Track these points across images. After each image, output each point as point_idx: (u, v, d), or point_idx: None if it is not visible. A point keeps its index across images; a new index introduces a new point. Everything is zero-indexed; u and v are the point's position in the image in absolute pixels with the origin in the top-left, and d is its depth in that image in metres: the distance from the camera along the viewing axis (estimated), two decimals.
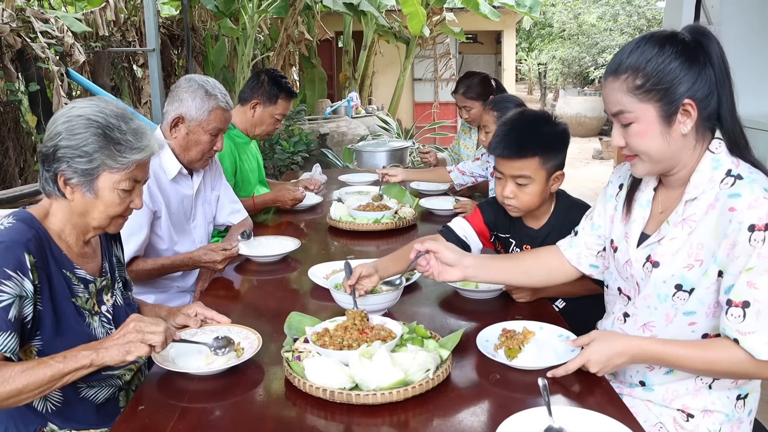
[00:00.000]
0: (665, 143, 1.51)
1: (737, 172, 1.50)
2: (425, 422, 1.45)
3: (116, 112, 1.67)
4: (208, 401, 1.57)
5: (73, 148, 1.61)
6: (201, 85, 2.54)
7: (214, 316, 1.87)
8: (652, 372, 1.69)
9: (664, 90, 1.47)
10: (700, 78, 1.47)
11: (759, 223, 1.41)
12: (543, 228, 2.26)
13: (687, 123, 1.49)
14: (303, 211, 3.48)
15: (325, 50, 12.59)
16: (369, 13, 9.76)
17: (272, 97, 3.37)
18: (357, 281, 1.95)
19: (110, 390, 1.80)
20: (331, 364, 1.55)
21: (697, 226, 1.53)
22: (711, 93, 1.49)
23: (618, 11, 16.74)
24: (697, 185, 1.53)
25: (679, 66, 1.47)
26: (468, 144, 4.14)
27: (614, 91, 1.53)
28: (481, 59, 17.80)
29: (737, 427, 1.65)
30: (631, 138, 1.53)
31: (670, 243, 1.57)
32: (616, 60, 1.54)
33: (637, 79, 1.49)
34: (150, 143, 1.69)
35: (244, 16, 8.57)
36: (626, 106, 1.51)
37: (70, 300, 1.67)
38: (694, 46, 1.49)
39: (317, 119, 9.03)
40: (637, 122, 1.51)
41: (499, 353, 1.70)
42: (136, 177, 1.70)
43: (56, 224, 1.69)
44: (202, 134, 2.56)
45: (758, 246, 1.41)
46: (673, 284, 1.57)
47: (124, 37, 7.25)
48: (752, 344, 1.43)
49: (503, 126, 2.19)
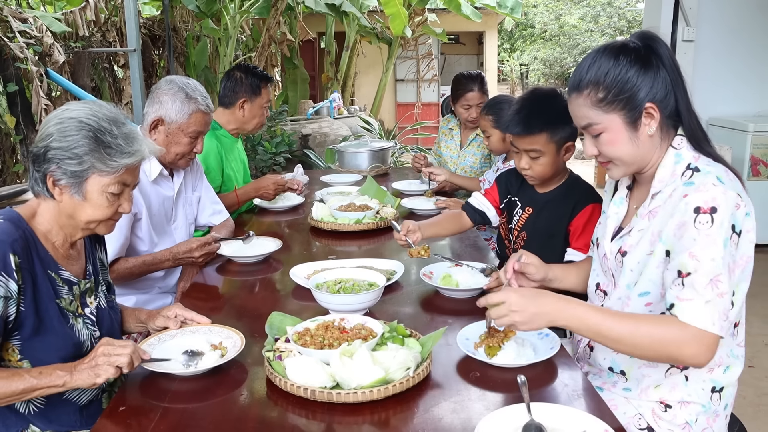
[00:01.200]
0: (634, 147, 1.61)
1: (695, 165, 1.58)
2: (406, 420, 1.46)
3: (108, 116, 1.68)
4: (190, 401, 1.58)
5: (64, 149, 1.61)
6: (181, 88, 2.53)
7: (193, 317, 1.88)
8: (618, 356, 1.73)
9: (626, 99, 1.57)
10: (657, 80, 1.57)
11: (704, 206, 1.47)
12: (548, 193, 2.47)
13: (652, 124, 1.59)
14: (285, 212, 3.48)
15: (308, 51, 12.59)
16: (351, 14, 9.77)
17: (256, 89, 3.38)
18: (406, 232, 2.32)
19: (93, 392, 1.79)
20: (312, 364, 1.56)
21: (657, 215, 1.61)
22: (668, 93, 1.59)
23: (599, 12, 16.88)
24: (662, 179, 1.62)
25: (636, 73, 1.56)
26: (450, 146, 4.14)
27: (579, 106, 1.63)
28: (463, 60, 17.85)
29: (713, 420, 1.69)
30: (603, 146, 1.63)
31: (637, 233, 1.66)
32: (576, 76, 1.63)
33: (599, 92, 1.58)
34: (141, 148, 1.70)
35: (225, 16, 8.55)
36: (593, 119, 1.61)
37: (54, 301, 1.67)
38: (645, 52, 1.58)
39: (299, 120, 9.02)
40: (605, 132, 1.61)
41: (479, 351, 1.72)
42: (125, 181, 1.71)
43: (43, 225, 1.69)
44: (181, 137, 2.55)
45: (703, 228, 1.46)
46: (639, 272, 1.64)
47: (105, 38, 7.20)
48: (684, 308, 1.46)
49: (515, 105, 2.39)
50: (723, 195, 1.47)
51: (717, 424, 1.70)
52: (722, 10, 5.82)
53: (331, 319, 1.78)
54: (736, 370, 1.68)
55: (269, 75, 3.50)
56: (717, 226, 1.46)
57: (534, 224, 2.46)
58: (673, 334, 1.46)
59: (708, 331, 1.44)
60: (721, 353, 1.64)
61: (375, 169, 4.53)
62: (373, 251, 2.75)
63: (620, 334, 1.49)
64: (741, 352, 1.69)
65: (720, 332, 1.45)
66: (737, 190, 1.51)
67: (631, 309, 1.66)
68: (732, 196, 1.48)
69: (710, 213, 1.46)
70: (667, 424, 1.68)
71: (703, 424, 1.68)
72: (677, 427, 1.67)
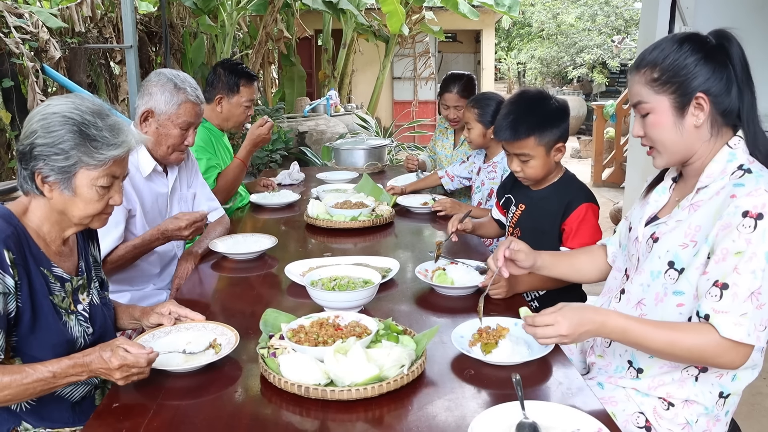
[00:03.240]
0: (678, 134, 1.62)
1: (749, 166, 1.57)
2: (400, 418, 1.46)
3: (92, 108, 1.66)
4: (184, 398, 1.57)
5: (50, 145, 1.59)
6: (170, 79, 2.53)
7: (188, 313, 1.87)
8: (638, 352, 1.72)
9: (678, 83, 1.59)
10: (716, 74, 1.58)
11: (753, 210, 1.47)
12: (541, 191, 2.51)
13: (699, 116, 1.59)
14: (280, 209, 3.48)
15: (305, 48, 12.57)
16: (348, 12, 9.76)
17: (233, 86, 3.38)
18: None
19: (86, 388, 1.79)
20: (306, 361, 1.55)
21: (699, 209, 1.60)
22: (727, 90, 1.58)
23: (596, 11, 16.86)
24: (710, 174, 1.61)
25: (695, 61, 1.58)
26: (445, 145, 4.15)
27: (634, 83, 1.67)
28: (460, 58, 17.85)
29: (713, 424, 1.69)
30: (648, 128, 1.66)
31: (674, 223, 1.65)
32: (640, 56, 1.67)
33: (654, 72, 1.61)
34: (127, 139, 1.68)
35: (222, 13, 8.53)
36: (644, 97, 1.64)
37: (47, 297, 1.66)
38: (713, 46, 1.60)
39: (296, 117, 9.01)
40: (652, 113, 1.63)
41: (473, 349, 1.72)
42: (114, 173, 1.69)
43: (35, 221, 1.68)
44: (172, 128, 2.54)
45: (745, 232, 1.46)
46: (666, 260, 1.64)
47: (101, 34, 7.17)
48: (721, 321, 1.47)
49: (503, 110, 2.43)
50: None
51: (717, 428, 1.69)
52: (719, 9, 5.82)
53: (325, 317, 1.78)
54: (746, 380, 1.68)
55: (252, 73, 3.48)
56: (759, 234, 1.45)
57: (526, 221, 2.49)
58: (711, 348, 1.49)
59: (743, 343, 1.46)
60: None
61: (371, 167, 4.53)
62: (368, 249, 2.75)
63: (660, 345, 1.54)
64: (760, 361, 1.66)
65: (756, 342, 1.47)
66: None
67: (664, 305, 1.64)
68: None
69: (756, 218, 1.46)
70: (667, 423, 1.68)
71: (703, 425, 1.67)
72: (677, 426, 1.67)
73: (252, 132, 3.40)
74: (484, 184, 3.40)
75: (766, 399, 3.40)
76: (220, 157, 3.42)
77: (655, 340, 1.54)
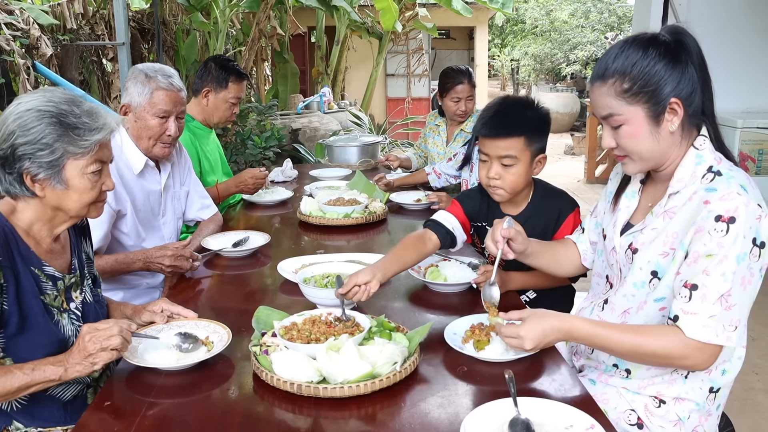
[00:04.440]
0: (655, 142, 1.58)
1: (718, 168, 1.56)
2: (393, 415, 1.46)
3: (64, 97, 1.63)
4: (176, 396, 1.57)
5: (32, 143, 1.57)
6: (141, 71, 2.53)
7: (180, 311, 1.86)
8: None
9: (651, 91, 1.54)
10: (684, 77, 1.55)
11: (725, 214, 1.46)
12: (521, 215, 2.28)
13: (674, 121, 1.56)
14: (273, 206, 3.47)
15: (298, 45, 12.54)
16: (341, 9, 9.74)
17: (222, 81, 3.36)
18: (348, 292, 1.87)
19: (78, 387, 1.78)
20: (298, 358, 1.55)
21: (675, 216, 1.59)
22: (694, 90, 1.56)
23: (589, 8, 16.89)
24: (681, 179, 1.60)
25: (664, 67, 1.53)
26: (437, 142, 4.14)
27: (602, 95, 1.59)
28: (453, 55, 17.86)
29: (705, 419, 1.69)
30: (622, 139, 1.60)
31: (651, 232, 1.64)
32: (602, 65, 1.60)
33: (624, 82, 1.55)
34: (107, 121, 1.67)
35: (215, 10, 8.50)
36: (615, 109, 1.57)
37: (38, 298, 1.65)
38: (675, 47, 1.55)
39: (289, 114, 8.98)
40: (626, 124, 1.58)
41: (466, 346, 1.72)
42: (101, 158, 1.67)
43: (24, 221, 1.66)
44: (149, 119, 2.52)
45: (717, 236, 1.46)
46: (649, 271, 1.63)
47: (93, 31, 7.13)
48: (688, 323, 1.47)
49: (488, 108, 2.25)
50: (745, 207, 1.46)
51: (708, 423, 1.70)
52: (712, 6, 5.83)
53: (318, 314, 1.78)
54: (734, 372, 1.68)
55: (243, 72, 3.47)
56: (731, 238, 1.45)
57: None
58: (677, 349, 1.49)
59: (712, 343, 1.46)
60: (724, 355, 1.63)
61: (364, 164, 4.53)
62: (361, 246, 2.75)
63: (626, 349, 1.55)
64: (742, 353, 1.67)
65: (726, 342, 1.47)
66: (758, 199, 1.50)
67: (645, 311, 1.65)
68: (754, 207, 1.47)
69: (728, 222, 1.46)
70: (658, 419, 1.68)
71: (695, 422, 1.68)
72: (669, 423, 1.67)
73: (241, 177, 3.36)
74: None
75: (758, 394, 3.41)
76: (205, 158, 3.40)
77: (621, 344, 1.54)
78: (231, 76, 3.39)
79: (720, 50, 5.90)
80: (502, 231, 1.82)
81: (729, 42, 5.89)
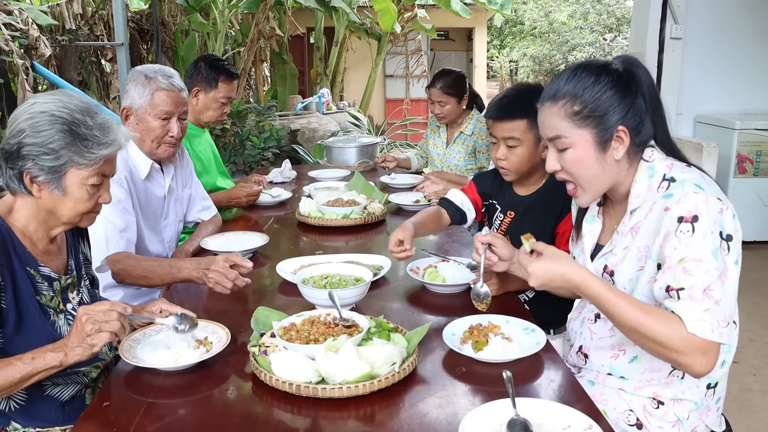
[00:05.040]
0: (600, 168, 1.60)
1: (671, 175, 1.58)
2: (391, 415, 1.46)
3: (81, 106, 1.63)
4: (175, 397, 1.57)
5: (39, 145, 1.57)
6: (141, 72, 2.51)
7: (178, 311, 1.86)
8: (617, 361, 1.73)
9: (599, 117, 1.56)
10: (632, 107, 1.57)
11: (687, 215, 1.47)
12: (530, 196, 2.41)
13: (620, 149, 1.58)
14: (272, 207, 3.47)
15: (297, 46, 12.55)
16: (340, 9, 9.75)
17: (211, 81, 3.34)
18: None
19: (76, 387, 1.78)
20: (297, 359, 1.55)
21: (640, 231, 1.61)
22: (641, 121, 1.58)
23: (588, 10, 16.93)
24: (638, 195, 1.62)
25: (614, 95, 1.56)
26: (437, 143, 4.15)
27: (551, 116, 1.62)
28: (452, 56, 17.86)
29: (705, 415, 1.70)
30: (567, 163, 1.62)
31: (622, 251, 1.66)
32: (553, 86, 1.62)
33: (574, 105, 1.58)
34: (117, 137, 1.66)
35: (214, 11, 8.51)
36: (563, 131, 1.60)
37: (34, 298, 1.65)
38: (626, 77, 1.58)
39: (288, 115, 8.98)
40: (573, 147, 1.60)
41: (465, 347, 1.72)
42: (104, 172, 1.67)
43: (20, 221, 1.66)
44: (151, 120, 2.50)
45: (685, 237, 1.47)
46: (630, 290, 1.64)
47: (92, 31, 7.14)
48: (687, 317, 1.45)
49: (500, 93, 2.38)
50: (704, 203, 1.47)
51: (709, 418, 1.71)
52: (710, 7, 5.85)
53: (317, 314, 1.78)
54: (729, 362, 1.69)
55: (233, 71, 3.44)
56: (699, 236, 1.45)
57: (517, 228, 2.39)
58: (677, 341, 1.45)
59: (709, 340, 1.44)
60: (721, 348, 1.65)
61: (363, 165, 4.53)
62: (360, 246, 2.75)
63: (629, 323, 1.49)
64: (735, 341, 1.69)
65: (720, 339, 1.45)
66: (717, 193, 1.51)
67: None
68: (713, 202, 1.48)
69: (691, 222, 1.46)
70: (657, 420, 1.68)
71: (694, 421, 1.68)
72: (668, 424, 1.68)
73: (233, 193, 3.33)
74: None
75: (756, 395, 3.42)
76: (197, 159, 3.39)
77: (625, 317, 1.49)
78: (221, 76, 3.36)
79: (718, 52, 5.93)
80: (480, 237, 1.90)
81: (727, 44, 5.91)
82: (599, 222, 1.78)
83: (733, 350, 1.69)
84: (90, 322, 1.51)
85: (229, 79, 3.40)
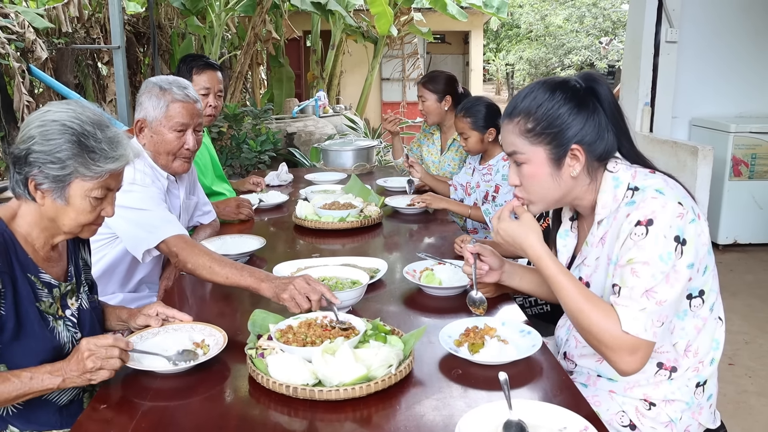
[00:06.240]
0: (555, 184, 1.63)
1: (634, 184, 1.59)
2: (388, 417, 1.46)
3: (92, 118, 1.63)
4: (172, 399, 1.57)
5: (46, 153, 1.57)
6: (155, 84, 2.46)
7: (175, 314, 1.86)
8: (602, 364, 1.73)
9: (553, 134, 1.58)
10: (588, 123, 1.58)
11: (643, 219, 1.50)
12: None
13: (576, 167, 1.60)
14: (268, 210, 3.47)
15: (293, 49, 12.57)
16: (337, 13, 9.76)
17: (185, 76, 3.19)
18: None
19: (74, 391, 1.77)
20: (294, 361, 1.56)
21: (607, 240, 1.63)
22: (600, 137, 1.60)
23: (584, 13, 16.98)
24: (605, 205, 1.63)
25: (568, 111, 1.58)
26: (432, 150, 4.11)
27: (509, 132, 1.65)
28: (448, 59, 17.90)
29: (698, 413, 1.70)
30: (524, 178, 1.66)
31: (594, 262, 1.68)
32: (511, 104, 1.66)
33: (528, 122, 1.60)
34: (125, 152, 1.65)
35: (211, 14, 8.52)
36: (518, 147, 1.63)
37: (34, 304, 1.65)
38: (584, 93, 1.60)
39: (284, 118, 8.99)
40: (528, 163, 1.63)
41: (461, 349, 1.72)
42: (109, 185, 1.66)
43: (23, 227, 1.66)
44: (166, 133, 2.46)
45: (638, 239, 1.50)
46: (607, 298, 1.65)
47: (89, 34, 7.14)
48: (622, 313, 1.49)
49: None
50: (662, 208, 1.49)
51: (702, 416, 1.71)
52: (705, 11, 5.87)
53: (313, 317, 1.79)
54: (717, 360, 1.70)
55: (208, 61, 3.33)
56: (652, 239, 1.48)
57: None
58: (608, 336, 1.50)
59: (640, 338, 1.48)
60: (705, 345, 1.66)
61: (359, 168, 4.53)
62: (356, 249, 2.76)
63: (570, 307, 1.57)
64: (722, 338, 1.70)
65: (653, 338, 1.49)
66: (679, 197, 1.52)
67: None
68: (672, 206, 1.49)
69: (646, 225, 1.49)
70: (650, 421, 1.69)
71: (687, 421, 1.69)
72: (660, 425, 1.68)
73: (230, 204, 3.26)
74: (479, 186, 3.35)
75: (752, 397, 3.43)
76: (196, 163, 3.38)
77: (569, 300, 1.57)
78: (193, 69, 3.26)
79: (714, 55, 5.95)
80: (469, 248, 1.94)
81: (722, 46, 5.93)
82: (573, 236, 1.82)
83: (720, 348, 1.70)
84: (92, 360, 1.53)
85: (201, 69, 3.28)
